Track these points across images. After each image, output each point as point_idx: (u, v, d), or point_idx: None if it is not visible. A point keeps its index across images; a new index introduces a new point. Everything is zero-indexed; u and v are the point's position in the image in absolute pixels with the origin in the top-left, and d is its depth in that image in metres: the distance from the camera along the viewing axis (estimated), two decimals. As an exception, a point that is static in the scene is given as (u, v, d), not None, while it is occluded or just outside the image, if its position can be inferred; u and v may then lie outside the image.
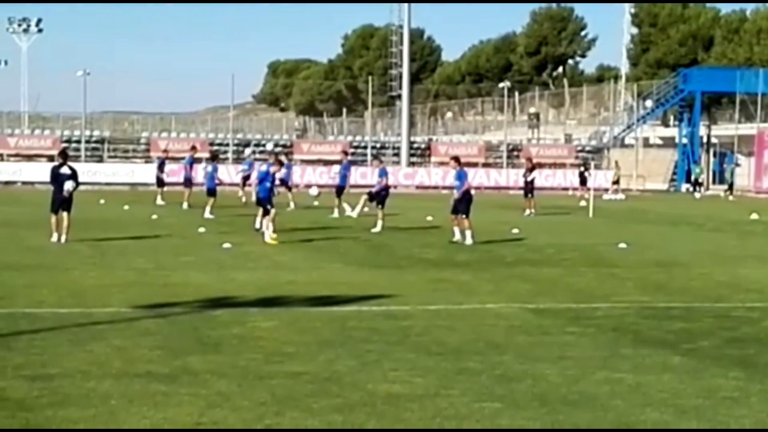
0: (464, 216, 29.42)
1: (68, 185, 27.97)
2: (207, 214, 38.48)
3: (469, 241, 28.92)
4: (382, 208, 33.40)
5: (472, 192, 30.65)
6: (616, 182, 69.23)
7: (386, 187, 34.39)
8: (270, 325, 15.37)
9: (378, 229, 32.60)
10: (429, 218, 37.88)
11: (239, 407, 10.47)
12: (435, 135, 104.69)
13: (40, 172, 70.60)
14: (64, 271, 21.81)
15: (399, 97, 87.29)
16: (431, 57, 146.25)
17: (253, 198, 30.84)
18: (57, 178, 28.32)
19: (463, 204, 29.48)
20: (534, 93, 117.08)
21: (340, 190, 41.39)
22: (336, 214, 39.80)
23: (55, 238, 27.86)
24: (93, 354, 12.92)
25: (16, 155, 77.30)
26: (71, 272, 21.59)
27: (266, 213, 29.35)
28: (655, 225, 40.42)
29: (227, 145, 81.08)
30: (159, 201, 47.05)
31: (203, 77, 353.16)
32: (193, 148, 52.92)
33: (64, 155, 29.64)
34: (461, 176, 30.04)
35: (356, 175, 55.88)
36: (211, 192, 40.36)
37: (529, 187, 46.53)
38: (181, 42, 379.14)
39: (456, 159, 31.11)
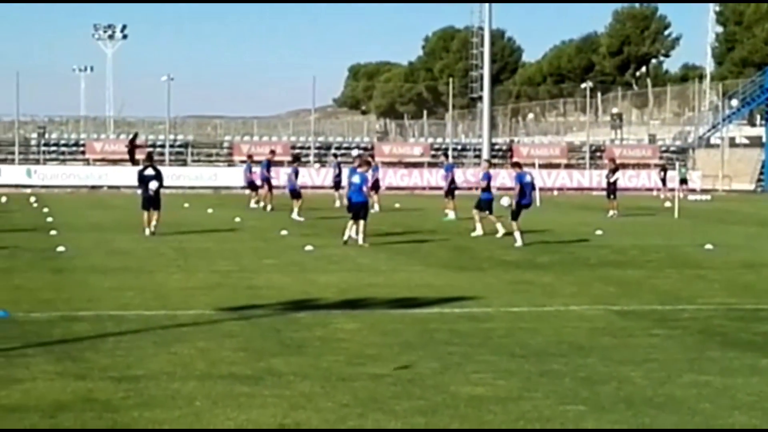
0: (514, 220, 29.47)
1: (152, 185, 31.24)
2: (296, 216, 38.69)
3: (519, 243, 28.92)
4: (482, 211, 33.01)
5: (535, 194, 30.58)
6: (684, 181, 68.40)
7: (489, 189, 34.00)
8: (352, 327, 15.38)
9: (479, 232, 32.37)
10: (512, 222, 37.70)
11: (322, 409, 10.47)
12: (516, 136, 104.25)
13: (126, 176, 71.55)
14: (149, 273, 22.01)
15: (480, 98, 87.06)
16: (512, 58, 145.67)
17: (344, 201, 30.85)
18: (143, 179, 31.69)
19: (518, 208, 29.54)
20: (617, 93, 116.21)
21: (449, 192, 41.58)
22: (452, 216, 39.90)
23: (147, 232, 31.08)
24: (177, 356, 13.01)
25: (102, 160, 78.23)
26: (156, 275, 21.78)
27: (360, 218, 29.01)
28: (742, 226, 39.90)
29: (308, 148, 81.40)
30: (252, 204, 47.35)
31: (285, 81, 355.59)
32: (272, 152, 53.20)
33: (149, 158, 33.88)
34: (523, 180, 30.06)
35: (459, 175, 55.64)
36: (295, 194, 40.47)
37: (612, 188, 46.11)
38: (264, 46, 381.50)
39: (517, 164, 31.29)
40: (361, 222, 28.83)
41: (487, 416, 10.30)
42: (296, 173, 42.13)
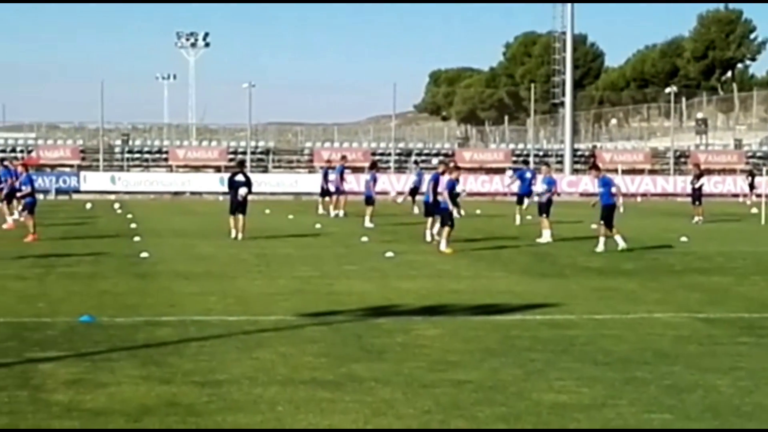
0: (604, 223, 29.21)
1: (242, 191, 32.31)
2: (367, 223, 38.70)
3: (600, 248, 28.83)
4: (547, 217, 33.02)
5: (618, 200, 30.29)
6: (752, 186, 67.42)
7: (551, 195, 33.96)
8: (434, 333, 15.34)
9: (546, 239, 32.26)
10: (593, 226, 37.41)
11: (404, 415, 10.45)
12: (599, 142, 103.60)
13: (208, 182, 72.16)
14: (231, 279, 22.14)
15: (562, 104, 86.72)
16: (594, 63, 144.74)
17: (418, 209, 30.88)
18: (233, 185, 32.79)
19: (608, 211, 29.34)
20: (701, 98, 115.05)
21: (521, 198, 41.54)
22: (518, 221, 39.91)
23: (233, 234, 32.10)
24: (259, 361, 13.06)
25: (185, 166, 78.90)
26: (238, 280, 21.90)
27: (443, 224, 29.04)
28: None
29: (389, 154, 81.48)
30: (332, 211, 47.49)
31: (365, 87, 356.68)
32: (343, 157, 53.28)
33: (240, 164, 35.40)
34: (606, 183, 29.87)
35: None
36: (369, 201, 40.50)
37: (697, 194, 45.59)
38: (344, 52, 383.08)
39: (596, 167, 31.10)
40: (443, 228, 28.84)
41: (571, 424, 10.22)
42: (374, 180, 42.14)
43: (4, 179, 37.71)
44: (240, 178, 32.96)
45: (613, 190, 29.82)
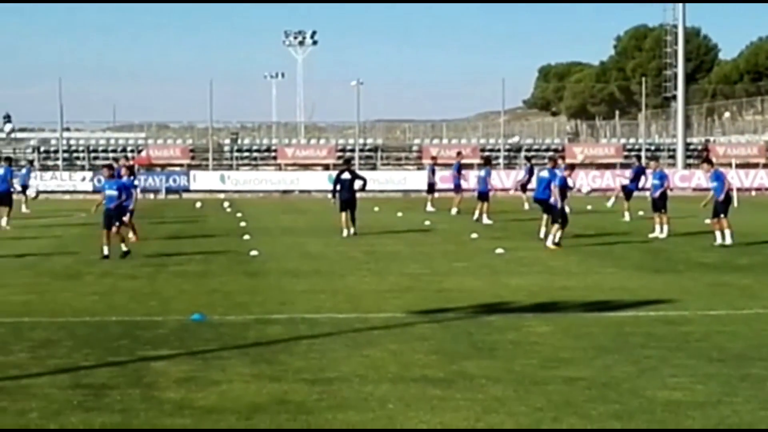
0: (723, 216, 28.76)
1: (357, 183, 33.22)
2: (485, 220, 38.61)
3: (728, 241, 28.41)
4: (665, 212, 32.54)
5: (732, 193, 29.83)
6: None
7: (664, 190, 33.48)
8: (545, 330, 15.22)
9: (661, 233, 31.85)
10: (707, 221, 36.84)
11: (516, 412, 10.36)
12: (712, 136, 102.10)
13: (317, 180, 72.45)
14: (341, 277, 22.19)
15: (674, 97, 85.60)
16: (707, 56, 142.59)
17: (528, 205, 30.72)
18: (339, 182, 33.32)
19: (722, 205, 28.87)
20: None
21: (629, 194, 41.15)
22: (627, 217, 39.54)
23: (345, 233, 32.51)
24: (369, 358, 13.05)
25: (294, 165, 79.34)
26: (347, 278, 21.94)
27: (554, 221, 28.87)
28: None
29: (498, 150, 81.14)
30: (429, 207, 47.41)
31: (474, 83, 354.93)
32: (459, 153, 53.16)
33: (347, 162, 36.17)
34: (719, 177, 29.40)
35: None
36: (483, 196, 40.33)
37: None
38: (452, 48, 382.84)
39: (708, 161, 30.59)
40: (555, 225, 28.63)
41: (686, 421, 10.06)
42: (489, 176, 42.01)
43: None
44: (346, 176, 33.47)
45: (726, 185, 29.38)
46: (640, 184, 40.14)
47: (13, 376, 12.07)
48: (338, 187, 33.39)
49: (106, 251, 25.77)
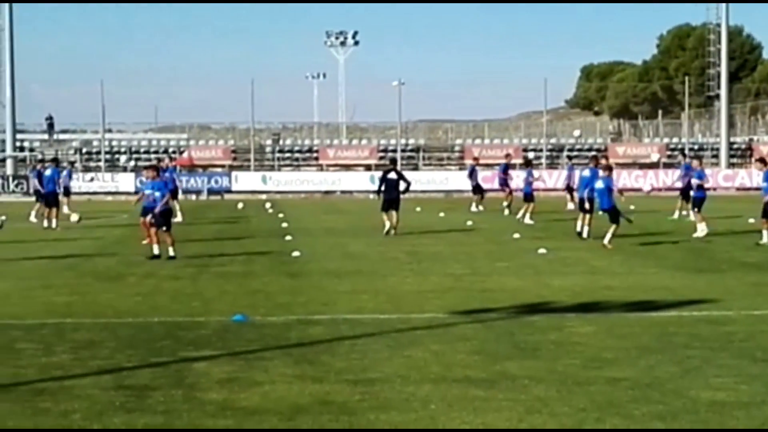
0: None
1: (402, 185, 33.31)
2: (527, 220, 38.53)
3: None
4: (699, 212, 32.43)
5: None
6: None
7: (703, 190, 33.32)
8: (587, 330, 15.15)
9: (701, 233, 31.69)
10: (751, 221, 36.61)
11: (558, 413, 10.32)
12: (756, 135, 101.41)
13: (358, 181, 72.51)
14: (383, 277, 22.18)
15: (717, 97, 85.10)
16: (751, 55, 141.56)
17: (569, 206, 30.62)
18: (385, 182, 33.46)
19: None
20: None
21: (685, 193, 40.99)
22: (676, 215, 39.41)
23: (386, 231, 32.81)
24: (412, 359, 13.03)
25: (335, 165, 79.45)
26: (389, 278, 21.92)
27: (614, 221, 28.71)
28: None
29: (540, 150, 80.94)
30: (473, 208, 47.32)
31: (516, 83, 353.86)
32: (508, 155, 53.12)
33: (392, 162, 36.41)
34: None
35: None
36: (528, 197, 40.26)
37: None
38: (493, 48, 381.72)
39: (762, 160, 30.31)
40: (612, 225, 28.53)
41: (730, 422, 9.99)
42: (531, 176, 41.91)
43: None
44: (392, 175, 33.66)
45: None
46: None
47: (56, 377, 12.13)
48: (383, 187, 33.51)
49: (156, 251, 25.84)
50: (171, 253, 25.85)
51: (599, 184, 29.26)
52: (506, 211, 44.06)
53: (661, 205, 46.23)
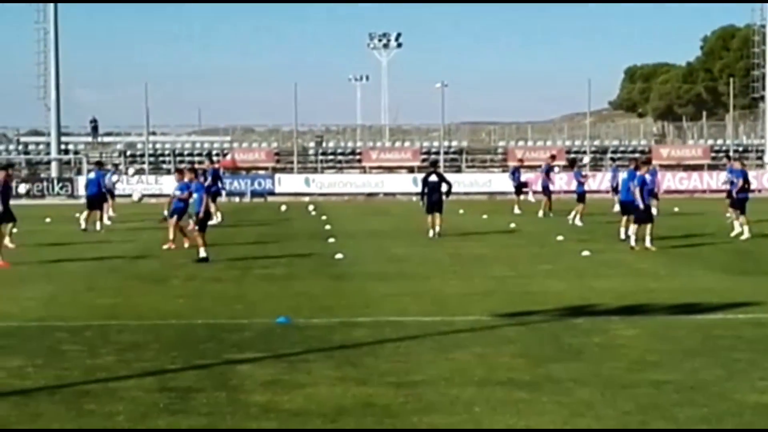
0: None
1: (444, 187, 33.24)
2: (576, 221, 38.56)
3: None
4: (743, 213, 32.23)
5: None
6: None
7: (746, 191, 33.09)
8: (632, 333, 15.08)
9: (745, 235, 31.50)
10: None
11: (603, 416, 10.27)
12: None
13: (401, 183, 72.49)
14: (426, 279, 22.15)
15: (762, 98, 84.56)
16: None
17: (616, 208, 30.53)
18: (427, 184, 33.56)
19: None
20: None
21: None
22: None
23: (431, 234, 32.91)
24: (455, 361, 13.01)
25: (378, 167, 79.46)
26: (432, 281, 21.90)
27: (641, 221, 28.61)
28: None
29: (584, 152, 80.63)
30: (516, 210, 47.21)
31: (558, 84, 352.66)
32: (552, 156, 52.98)
33: (434, 164, 36.02)
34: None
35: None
36: (580, 197, 40.26)
37: None
38: (536, 50, 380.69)
39: None
40: (645, 225, 28.39)
41: (776, 426, 9.90)
42: (580, 176, 41.82)
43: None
44: (434, 178, 33.72)
45: None
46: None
47: (100, 379, 12.19)
48: (425, 189, 33.57)
49: (203, 253, 25.91)
50: (202, 254, 25.93)
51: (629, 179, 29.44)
52: (543, 214, 43.93)
53: (705, 207, 45.98)
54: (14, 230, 29.95)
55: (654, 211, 41.35)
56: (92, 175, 40.09)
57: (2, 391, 11.65)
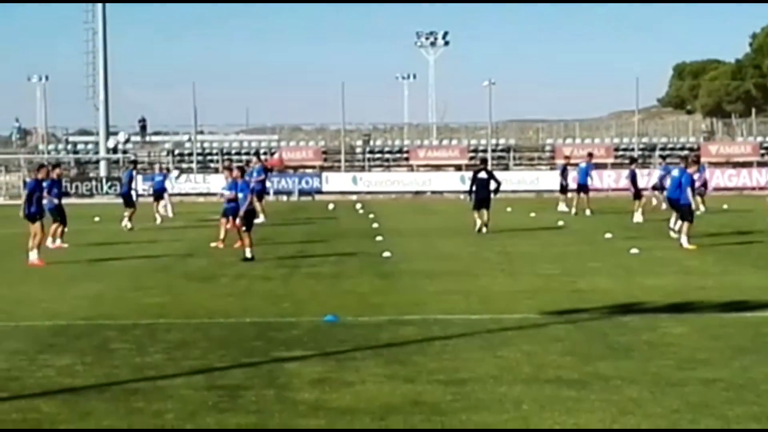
0: None
1: (492, 185, 33.77)
2: (637, 218, 38.73)
3: None
4: None
5: None
6: None
7: None
8: (681, 331, 14.99)
9: None
10: None
11: (652, 414, 10.22)
12: None
13: (449, 181, 72.42)
14: (474, 277, 22.12)
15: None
16: None
17: (663, 205, 30.40)
18: (476, 181, 33.99)
19: None
20: None
21: None
22: None
23: (477, 230, 33.33)
24: (503, 359, 12.98)
25: (426, 166, 79.39)
26: (480, 279, 21.86)
27: (682, 219, 28.53)
28: None
29: (632, 150, 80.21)
30: (561, 207, 47.05)
31: (606, 82, 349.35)
32: (590, 155, 52.71)
33: (483, 162, 36.47)
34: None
35: None
36: (636, 195, 40.21)
37: None
38: (584, 47, 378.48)
39: None
40: (683, 223, 28.25)
41: (829, 425, 9.80)
42: (633, 175, 41.70)
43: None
44: (483, 175, 34.09)
45: None
46: None
47: (149, 377, 12.25)
48: (474, 187, 33.67)
49: (248, 253, 25.95)
50: (248, 254, 25.96)
51: (675, 173, 29.34)
52: (590, 212, 43.81)
53: (754, 205, 45.64)
54: (65, 230, 30.36)
55: (702, 208, 41.19)
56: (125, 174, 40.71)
57: (52, 389, 11.73)
